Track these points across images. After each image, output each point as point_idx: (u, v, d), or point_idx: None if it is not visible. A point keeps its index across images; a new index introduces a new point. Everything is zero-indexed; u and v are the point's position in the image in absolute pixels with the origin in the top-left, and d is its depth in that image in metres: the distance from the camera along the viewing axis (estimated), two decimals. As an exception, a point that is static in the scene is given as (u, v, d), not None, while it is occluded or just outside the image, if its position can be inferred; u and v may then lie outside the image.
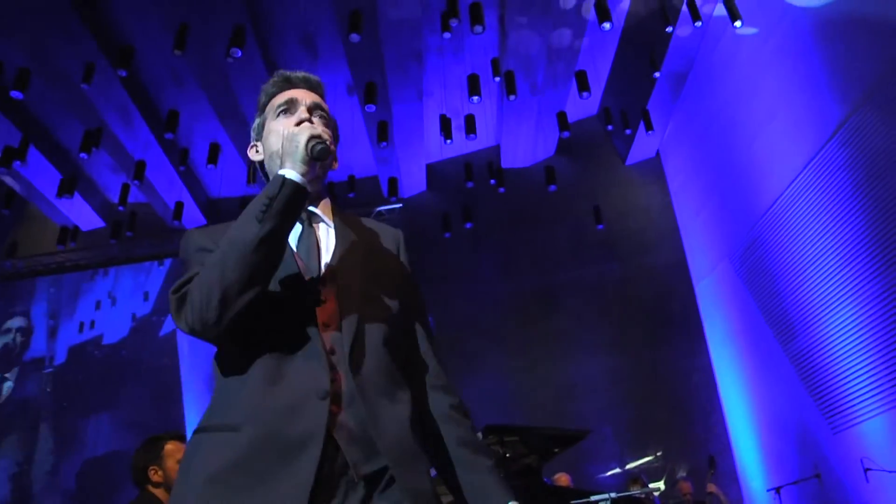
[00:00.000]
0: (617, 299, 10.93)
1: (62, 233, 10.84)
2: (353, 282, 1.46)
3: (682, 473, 7.58)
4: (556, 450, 4.62)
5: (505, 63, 9.93)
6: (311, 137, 1.39)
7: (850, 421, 7.60)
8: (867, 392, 7.33)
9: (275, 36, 9.55)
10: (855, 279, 7.47)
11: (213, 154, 9.13)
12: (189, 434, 1.59)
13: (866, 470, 5.85)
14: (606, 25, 8.03)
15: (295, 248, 1.49)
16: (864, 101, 7.32)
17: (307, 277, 1.45)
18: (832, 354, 7.84)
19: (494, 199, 11.17)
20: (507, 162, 11.99)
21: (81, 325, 11.63)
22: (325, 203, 1.60)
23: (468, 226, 10.88)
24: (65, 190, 9.53)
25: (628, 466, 8.61)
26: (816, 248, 8.06)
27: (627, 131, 10.95)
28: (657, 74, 9.77)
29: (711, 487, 6.81)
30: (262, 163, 1.66)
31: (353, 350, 1.38)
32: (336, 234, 1.54)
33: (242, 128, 10.27)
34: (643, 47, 10.16)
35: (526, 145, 11.95)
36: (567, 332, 10.82)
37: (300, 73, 1.69)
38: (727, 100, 9.85)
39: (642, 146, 11.80)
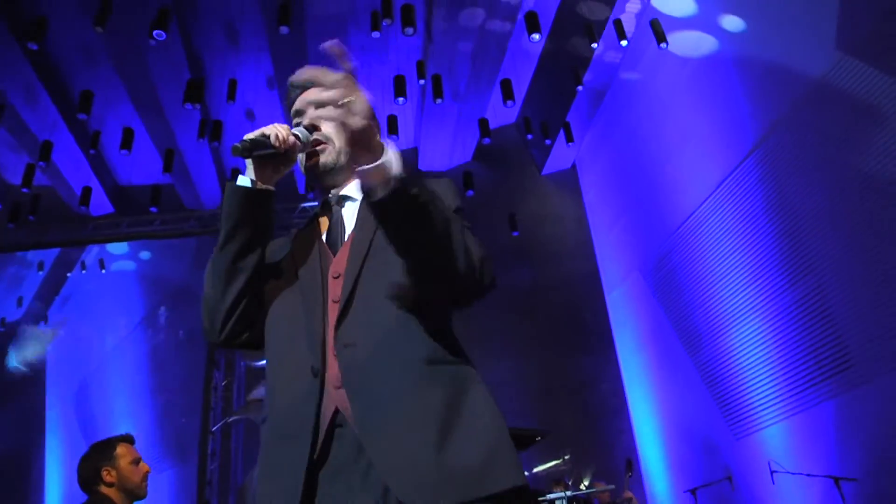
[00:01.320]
0: (529, 306, 11.09)
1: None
2: (358, 254, 1.44)
3: (593, 477, 7.72)
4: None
5: (430, 66, 9.94)
6: (261, 135, 1.44)
7: (752, 427, 8.01)
8: (768, 401, 7.73)
9: (197, 23, 9.24)
10: (763, 293, 7.86)
11: (127, 139, 8.72)
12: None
13: (773, 472, 6.13)
14: (536, 37, 8.17)
15: (324, 236, 1.53)
16: (778, 124, 7.72)
17: (330, 262, 1.46)
18: (737, 364, 8.23)
19: (412, 201, 11.14)
20: (424, 165, 12.00)
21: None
22: (356, 182, 1.52)
23: (384, 225, 10.80)
24: (-43, 168, 8.91)
25: (535, 469, 8.71)
26: (727, 263, 8.43)
27: (547, 141, 11.16)
28: (580, 88, 9.99)
29: (628, 493, 6.97)
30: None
31: (340, 324, 1.36)
32: (360, 210, 1.53)
33: (157, 115, 9.89)
34: (566, 60, 10.38)
35: (444, 149, 12.01)
36: (479, 336, 10.88)
37: (301, 78, 1.62)
38: (645, 116, 10.18)
39: (559, 157, 12.06)
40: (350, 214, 1.55)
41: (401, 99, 8.96)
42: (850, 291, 6.91)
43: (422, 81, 9.56)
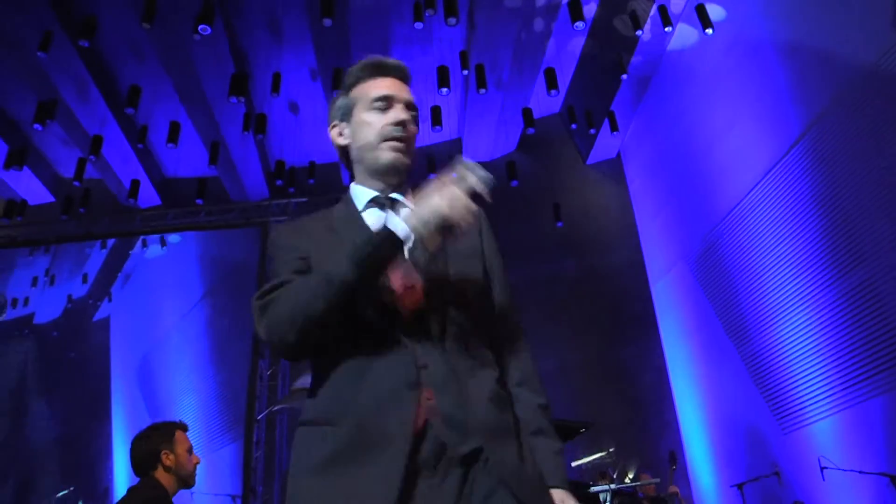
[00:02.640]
0: (573, 296, 11.02)
1: (9, 205, 10.42)
2: (437, 268, 1.49)
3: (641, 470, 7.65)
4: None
5: (473, 57, 9.90)
6: (451, 208, 1.34)
7: (801, 422, 7.83)
8: (818, 395, 7.56)
9: (241, 17, 9.35)
10: (810, 286, 7.68)
11: (174, 133, 8.90)
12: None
13: (823, 468, 6.01)
14: (579, 24, 8.07)
15: None
16: (824, 114, 7.52)
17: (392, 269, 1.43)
18: (785, 358, 8.06)
19: (455, 192, 11.13)
20: (468, 155, 11.96)
21: (15, 301, 11.24)
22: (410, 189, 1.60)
23: (428, 218, 10.83)
24: (13, 162, 9.16)
25: (580, 461, 8.68)
26: (773, 255, 8.26)
27: (591, 130, 11.03)
28: (625, 76, 9.86)
29: (673, 488, 6.88)
30: (345, 148, 1.65)
31: (442, 337, 1.42)
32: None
33: (203, 109, 10.05)
34: (610, 48, 10.25)
35: (488, 139, 11.96)
36: (523, 326, 10.87)
37: (392, 61, 1.64)
38: (690, 104, 10.00)
39: (604, 146, 11.92)
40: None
41: (444, 90, 8.97)
42: (903, 284, 6.71)
43: (465, 72, 9.53)
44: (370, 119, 1.57)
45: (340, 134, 1.65)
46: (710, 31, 8.19)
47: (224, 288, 11.36)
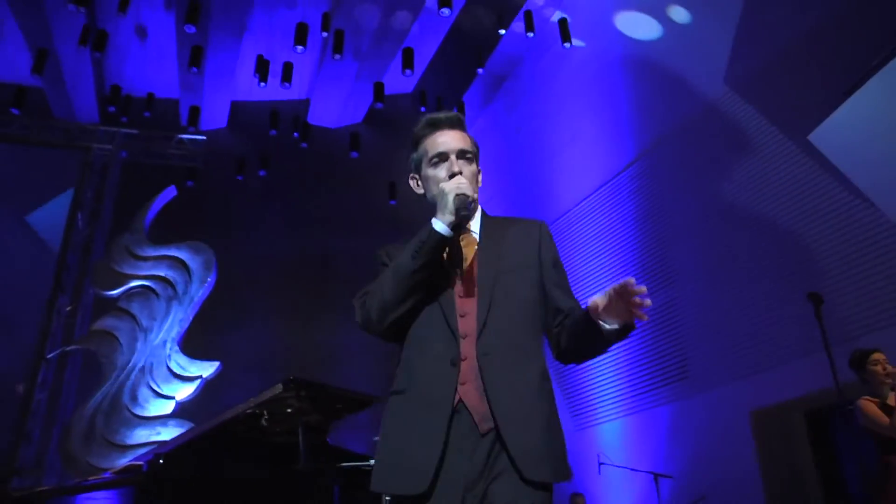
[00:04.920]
0: (396, 276, 11.14)
1: None
2: (494, 276, 1.83)
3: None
4: (343, 412, 4.62)
5: (336, 21, 9.74)
6: (457, 196, 1.77)
7: (591, 421, 8.53)
8: (610, 398, 8.24)
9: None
10: (619, 298, 8.29)
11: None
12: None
13: (600, 464, 6.54)
14: (445, 11, 8.21)
15: (444, 254, 1.84)
16: (658, 143, 8.17)
17: (453, 277, 1.84)
18: (586, 362, 8.65)
19: (294, 152, 10.92)
20: (314, 118, 11.78)
21: None
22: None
23: (262, 173, 10.57)
24: None
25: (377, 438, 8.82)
26: (591, 265, 8.86)
27: (439, 117, 11.19)
28: (481, 71, 10.10)
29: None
30: (423, 194, 2.01)
31: (481, 334, 1.76)
32: (480, 237, 1.92)
33: (34, 9, 9.02)
34: (472, 41, 10.46)
35: (336, 106, 11.83)
36: (341, 298, 10.81)
37: (442, 115, 2.00)
38: (537, 111, 10.45)
39: (448, 135, 12.14)
40: (463, 245, 1.91)
41: (300, 47, 8.78)
42: (698, 309, 7.46)
43: (325, 34, 9.38)
44: (432, 174, 1.94)
45: (417, 185, 2.04)
46: (568, 44, 8.60)
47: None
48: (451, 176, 1.88)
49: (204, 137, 10.85)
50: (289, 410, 4.15)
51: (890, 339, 5.46)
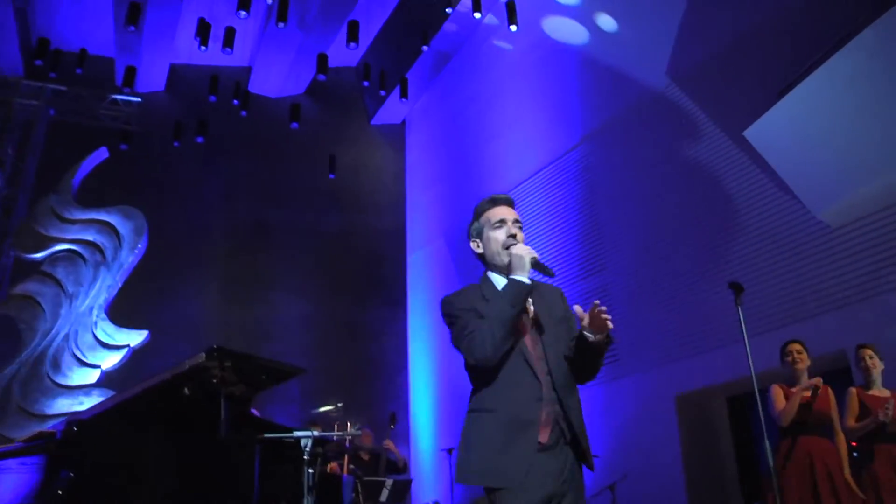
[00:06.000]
0: (332, 250, 11.07)
1: None
2: (548, 326, 2.36)
3: (361, 425, 7.89)
4: (268, 383, 4.55)
5: (282, -13, 9.52)
6: (532, 258, 2.26)
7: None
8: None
9: None
10: (559, 280, 8.41)
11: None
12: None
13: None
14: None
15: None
16: (603, 128, 8.29)
17: (525, 322, 2.34)
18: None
19: (233, 120, 10.67)
20: (255, 87, 11.53)
21: None
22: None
23: (200, 140, 10.31)
24: None
25: (313, 412, 8.77)
26: (531, 244, 8.92)
27: (382, 92, 11.12)
28: (425, 48, 10.02)
29: (389, 444, 7.21)
30: (482, 254, 2.51)
31: (551, 371, 2.28)
32: (534, 296, 2.39)
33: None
34: (419, 18, 10.36)
35: (278, 76, 11.59)
36: (276, 271, 10.75)
37: (502, 197, 2.57)
38: (483, 91, 10.44)
39: (391, 111, 12.06)
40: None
41: (243, 13, 8.55)
42: (630, 295, 7.62)
43: (269, 0, 9.17)
44: (493, 235, 2.45)
45: (478, 246, 2.53)
46: (514, 27, 8.58)
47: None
48: (510, 237, 2.43)
49: (139, 99, 10.51)
50: (214, 381, 4.08)
51: (808, 330, 5.68)
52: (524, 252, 2.28)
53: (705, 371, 6.81)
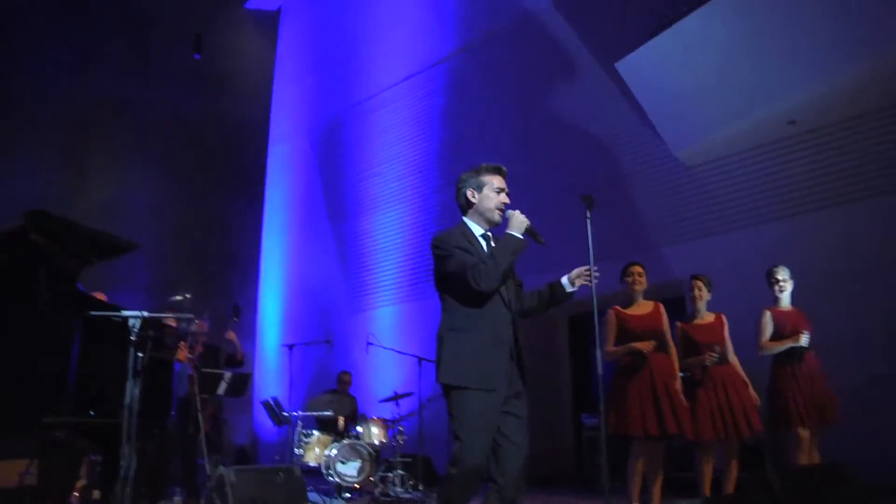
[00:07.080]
0: (190, 134, 10.51)
1: None
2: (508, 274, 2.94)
3: (203, 316, 7.65)
4: (99, 258, 4.25)
5: None
6: (528, 225, 2.90)
7: (367, 305, 8.79)
8: (387, 286, 8.50)
9: None
10: (413, 190, 8.47)
11: None
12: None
13: (368, 344, 6.70)
14: None
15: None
16: (477, 43, 8.21)
17: None
18: (371, 246, 8.85)
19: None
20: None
21: None
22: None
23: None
24: None
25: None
26: (389, 152, 8.92)
27: (257, -26, 10.48)
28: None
29: (231, 335, 7.01)
30: (471, 203, 2.98)
31: (511, 304, 2.89)
32: None
33: None
34: None
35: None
36: (129, 149, 10.08)
37: (503, 168, 3.03)
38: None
39: (267, -5, 11.48)
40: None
41: None
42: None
43: None
44: (493, 196, 2.95)
45: (473, 196, 2.97)
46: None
47: None
48: (503, 202, 2.99)
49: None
50: (36, 248, 3.81)
51: (650, 258, 5.96)
52: (523, 219, 2.91)
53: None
